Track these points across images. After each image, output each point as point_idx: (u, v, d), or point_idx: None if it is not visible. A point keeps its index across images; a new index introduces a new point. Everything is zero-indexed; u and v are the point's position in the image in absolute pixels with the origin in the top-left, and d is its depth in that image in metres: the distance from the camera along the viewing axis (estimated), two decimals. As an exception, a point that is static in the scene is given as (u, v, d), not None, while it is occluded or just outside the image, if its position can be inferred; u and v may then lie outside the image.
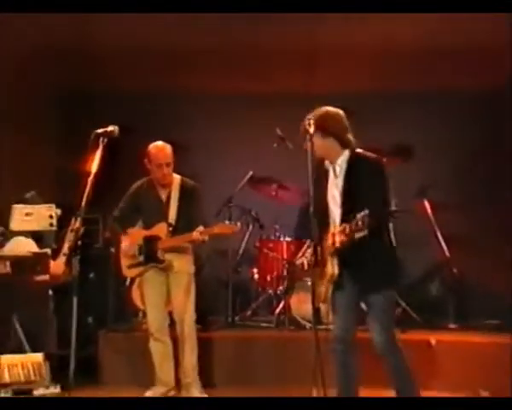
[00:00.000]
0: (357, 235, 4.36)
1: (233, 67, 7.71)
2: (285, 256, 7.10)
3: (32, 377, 4.66)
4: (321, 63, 7.46)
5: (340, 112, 4.80)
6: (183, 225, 5.61)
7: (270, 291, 7.19)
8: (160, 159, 5.61)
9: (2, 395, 4.49)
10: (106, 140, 4.48)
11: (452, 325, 6.95)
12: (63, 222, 6.33)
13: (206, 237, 5.54)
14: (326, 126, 4.71)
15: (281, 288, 7.05)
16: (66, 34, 7.18)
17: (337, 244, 4.60)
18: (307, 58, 7.44)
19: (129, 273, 5.96)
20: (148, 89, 7.77)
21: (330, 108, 4.82)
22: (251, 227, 7.53)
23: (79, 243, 4.39)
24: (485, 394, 5.90)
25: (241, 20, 6.96)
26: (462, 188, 7.82)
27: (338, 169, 4.78)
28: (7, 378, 4.54)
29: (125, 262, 5.88)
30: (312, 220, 4.50)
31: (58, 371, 4.88)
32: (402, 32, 7.13)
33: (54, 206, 6.34)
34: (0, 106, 7.36)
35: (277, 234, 7.35)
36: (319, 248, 4.72)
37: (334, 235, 4.69)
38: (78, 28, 7.11)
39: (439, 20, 6.80)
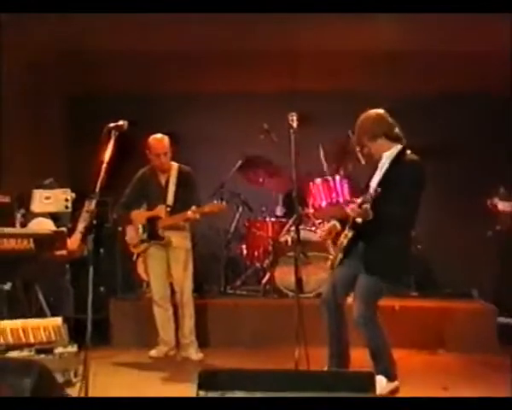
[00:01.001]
0: (364, 205, 4.38)
1: (226, 69, 7.62)
2: (270, 234, 7.14)
3: (53, 338, 4.69)
4: (303, 65, 7.36)
5: (381, 111, 4.81)
6: (180, 206, 5.68)
7: (257, 265, 7.24)
8: (158, 149, 5.72)
9: (26, 353, 4.55)
10: (117, 133, 4.50)
11: (414, 293, 7.02)
12: (76, 204, 6.41)
13: (198, 216, 5.57)
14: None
15: (266, 262, 7.09)
16: (76, 39, 7.06)
17: (349, 211, 4.60)
18: (291, 61, 7.30)
19: (135, 250, 6.03)
20: (150, 89, 7.73)
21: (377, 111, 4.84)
22: (240, 209, 7.55)
23: (94, 222, 4.45)
24: (441, 351, 6.07)
25: (234, 28, 6.85)
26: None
27: (384, 163, 4.78)
28: (31, 339, 4.58)
29: (131, 240, 5.99)
30: (295, 204, 4.62)
31: (74, 332, 4.90)
32: (381, 35, 6.97)
33: (69, 190, 6.38)
34: (19, 107, 7.25)
35: (263, 215, 7.39)
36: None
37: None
38: (88, 34, 6.99)
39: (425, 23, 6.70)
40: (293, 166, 4.59)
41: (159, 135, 5.83)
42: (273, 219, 7.26)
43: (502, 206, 6.64)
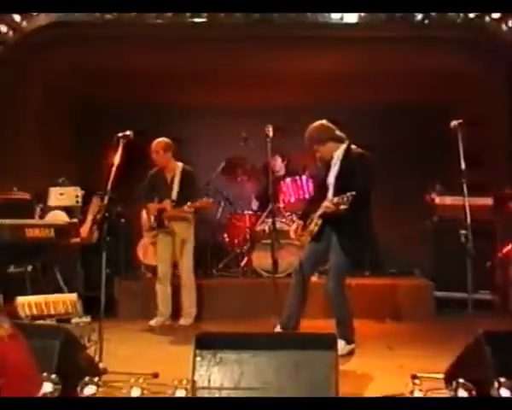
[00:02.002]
0: (341, 207, 4.45)
1: (214, 88, 7.65)
2: (247, 225, 7.19)
3: (70, 310, 4.77)
4: (276, 85, 7.42)
5: (323, 121, 4.90)
6: (183, 200, 5.83)
7: (237, 250, 7.27)
8: (151, 149, 5.94)
9: (48, 322, 4.65)
10: (125, 141, 4.59)
11: (367, 273, 7.11)
12: (85, 200, 6.55)
13: (193, 210, 5.79)
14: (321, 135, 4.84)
15: (245, 248, 7.15)
16: (88, 60, 7.16)
17: (323, 208, 4.67)
18: (266, 82, 7.37)
19: (146, 234, 6.34)
20: (152, 102, 7.75)
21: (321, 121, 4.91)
22: (223, 204, 7.60)
23: (106, 215, 4.59)
24: (388, 320, 6.16)
25: (223, 52, 7.01)
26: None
27: (335, 161, 4.86)
28: (52, 311, 4.67)
29: (144, 226, 6.30)
30: (272, 199, 4.78)
31: (85, 306, 5.02)
32: (340, 59, 7.15)
33: (79, 188, 6.55)
34: (37, 118, 7.26)
35: (242, 209, 7.44)
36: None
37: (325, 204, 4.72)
38: (97, 55, 7.10)
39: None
40: (270, 168, 4.76)
41: (157, 139, 6.00)
42: (250, 212, 7.30)
43: (438, 200, 6.76)
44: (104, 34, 7.03)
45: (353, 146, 4.85)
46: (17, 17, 6.85)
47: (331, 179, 4.86)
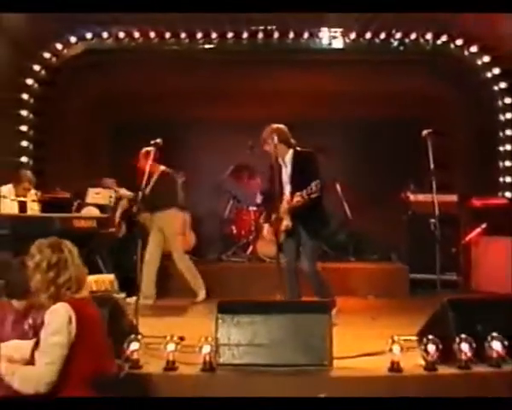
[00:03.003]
0: (313, 196, 4.44)
1: (223, 103, 7.74)
2: (252, 219, 7.20)
3: (109, 288, 4.86)
4: (276, 101, 7.49)
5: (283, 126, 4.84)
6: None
7: (244, 240, 7.29)
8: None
9: None
10: (154, 149, 4.65)
11: (352, 259, 7.21)
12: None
13: None
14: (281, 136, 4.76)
15: (250, 238, 7.17)
16: (118, 78, 7.39)
17: (295, 203, 4.59)
18: (267, 98, 7.47)
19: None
20: (172, 117, 7.73)
21: (279, 125, 4.84)
22: (231, 201, 7.54)
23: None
24: (370, 297, 6.21)
25: (231, 73, 7.18)
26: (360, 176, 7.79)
27: (287, 162, 4.82)
28: (94, 288, 4.70)
29: None
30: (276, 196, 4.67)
31: (121, 285, 5.04)
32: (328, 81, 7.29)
33: (112, 191, 6.45)
34: (77, 130, 7.43)
35: (247, 205, 7.44)
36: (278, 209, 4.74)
37: (290, 199, 4.69)
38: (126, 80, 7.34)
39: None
40: (276, 170, 4.72)
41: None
42: (254, 208, 7.28)
43: (412, 197, 6.78)
44: (129, 59, 7.29)
45: (299, 148, 4.81)
46: (59, 45, 7.16)
47: (285, 178, 4.80)
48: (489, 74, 7.17)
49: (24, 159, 7.09)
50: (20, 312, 3.24)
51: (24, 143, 7.14)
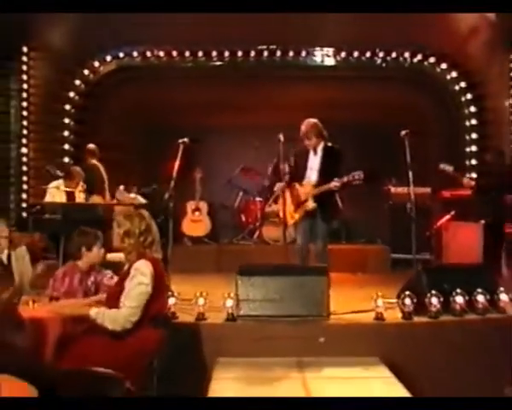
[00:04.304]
0: (355, 183, 4.53)
1: (233, 112, 7.87)
2: (258, 208, 7.31)
3: None
4: (278, 109, 7.55)
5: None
6: None
7: (251, 226, 7.39)
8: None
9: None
10: (183, 146, 4.70)
11: (343, 241, 7.35)
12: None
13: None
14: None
15: (257, 224, 7.26)
16: (146, 90, 7.58)
17: (332, 187, 4.54)
18: (271, 107, 7.55)
19: None
20: (193, 123, 7.63)
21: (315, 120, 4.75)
22: (241, 194, 7.64)
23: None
24: (359, 274, 6.29)
25: (241, 86, 7.32)
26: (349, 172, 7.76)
27: (318, 151, 4.75)
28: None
29: None
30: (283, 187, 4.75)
31: None
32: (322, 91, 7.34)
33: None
34: (114, 133, 7.60)
35: (254, 197, 7.54)
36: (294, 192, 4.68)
37: (316, 184, 4.61)
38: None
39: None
40: (283, 164, 4.73)
41: None
42: (260, 199, 7.39)
43: (393, 189, 6.92)
44: (154, 74, 7.53)
45: (329, 143, 4.84)
46: (96, 63, 7.50)
47: (313, 166, 4.72)
48: (457, 87, 7.41)
49: (66, 159, 7.38)
50: (84, 271, 3.64)
51: (66, 147, 7.44)
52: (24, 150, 6.94)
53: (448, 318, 3.81)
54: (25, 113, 6.88)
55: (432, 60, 7.36)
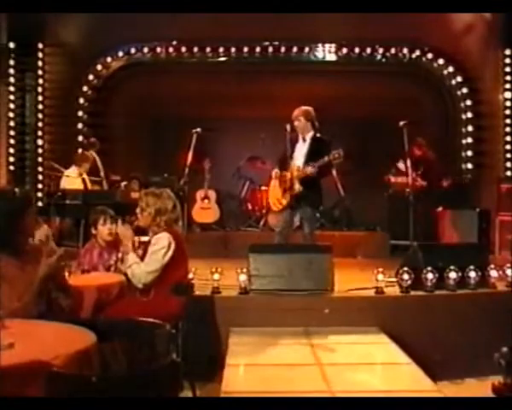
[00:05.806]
0: (336, 161, 4.47)
1: (240, 105, 7.93)
2: (264, 197, 7.17)
3: None
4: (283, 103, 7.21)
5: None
6: None
7: (258, 214, 7.50)
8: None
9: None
10: (196, 136, 4.99)
11: (345, 229, 7.39)
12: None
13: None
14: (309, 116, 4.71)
15: (263, 211, 7.33)
16: (155, 84, 7.77)
17: (310, 173, 4.51)
18: (275, 100, 7.41)
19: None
20: (200, 115, 7.59)
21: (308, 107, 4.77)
22: (248, 183, 7.77)
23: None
24: (359, 257, 6.54)
25: (246, 80, 7.44)
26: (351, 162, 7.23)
27: (307, 139, 4.79)
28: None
29: None
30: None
31: None
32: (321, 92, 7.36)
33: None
34: (123, 127, 7.76)
35: (260, 186, 7.55)
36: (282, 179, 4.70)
37: (302, 169, 4.60)
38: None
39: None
40: (289, 154, 4.73)
41: None
42: (266, 188, 6.83)
43: (393, 179, 6.96)
44: (164, 69, 7.82)
45: (319, 134, 4.79)
46: (109, 59, 7.78)
47: (301, 152, 4.71)
48: (453, 81, 7.60)
49: (79, 150, 7.58)
50: (103, 247, 3.97)
51: (80, 138, 7.69)
52: (39, 142, 7.30)
53: (442, 292, 4.11)
54: (40, 106, 7.28)
55: (429, 56, 7.58)
